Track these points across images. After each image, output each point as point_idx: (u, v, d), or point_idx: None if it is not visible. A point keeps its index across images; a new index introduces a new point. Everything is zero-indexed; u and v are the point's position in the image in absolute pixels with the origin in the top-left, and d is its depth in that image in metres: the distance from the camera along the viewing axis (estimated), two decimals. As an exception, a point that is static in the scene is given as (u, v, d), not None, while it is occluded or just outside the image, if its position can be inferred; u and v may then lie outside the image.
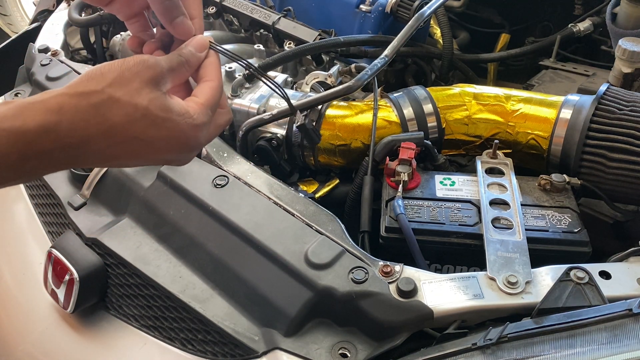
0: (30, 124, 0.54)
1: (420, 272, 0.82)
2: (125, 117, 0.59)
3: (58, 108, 0.56)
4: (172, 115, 0.62)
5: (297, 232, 0.88)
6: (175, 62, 0.66)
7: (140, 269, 0.93)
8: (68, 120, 0.56)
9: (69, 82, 0.60)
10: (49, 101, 0.56)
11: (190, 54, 0.69)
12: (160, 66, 0.64)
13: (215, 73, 0.71)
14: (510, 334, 0.68)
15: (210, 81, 0.70)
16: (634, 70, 1.17)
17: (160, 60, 0.64)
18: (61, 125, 0.56)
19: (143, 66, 0.62)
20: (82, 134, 0.57)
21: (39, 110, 0.55)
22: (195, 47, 0.70)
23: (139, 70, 0.61)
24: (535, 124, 1.04)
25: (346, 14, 1.43)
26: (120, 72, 0.60)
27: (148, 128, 0.61)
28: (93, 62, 1.57)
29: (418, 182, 0.99)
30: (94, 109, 0.58)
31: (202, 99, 0.68)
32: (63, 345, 0.97)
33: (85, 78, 0.59)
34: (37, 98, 0.56)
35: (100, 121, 0.58)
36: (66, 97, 0.57)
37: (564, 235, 0.89)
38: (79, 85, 0.58)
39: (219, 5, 1.46)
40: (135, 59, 0.62)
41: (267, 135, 1.10)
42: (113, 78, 0.59)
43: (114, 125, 0.59)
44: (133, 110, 0.60)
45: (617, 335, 0.66)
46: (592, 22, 1.53)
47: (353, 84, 1.06)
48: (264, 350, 0.80)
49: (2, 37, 3.07)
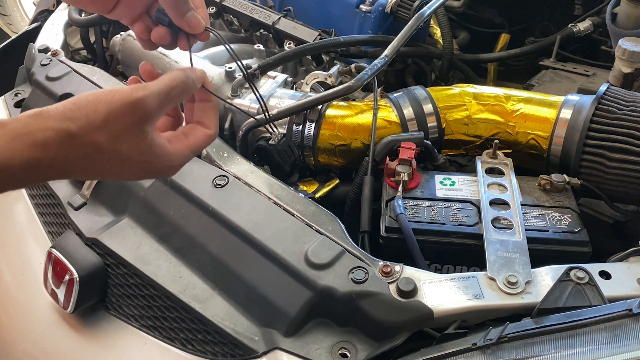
0: (17, 159, 0.56)
1: (420, 272, 0.82)
2: (105, 160, 0.62)
3: (43, 144, 0.58)
4: (150, 158, 0.65)
5: (297, 232, 0.88)
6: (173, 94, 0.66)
7: (140, 269, 0.93)
8: (51, 158, 0.58)
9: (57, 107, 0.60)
10: (36, 135, 0.57)
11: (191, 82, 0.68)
12: (149, 107, 0.63)
13: (214, 121, 0.73)
14: (510, 334, 0.68)
15: (208, 130, 0.72)
16: (634, 70, 1.17)
17: (149, 100, 0.63)
18: (44, 162, 0.58)
19: (130, 109, 0.62)
20: (62, 169, 0.60)
21: (26, 144, 0.57)
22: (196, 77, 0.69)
23: (124, 115, 0.61)
24: (535, 124, 1.04)
25: (346, 14, 1.43)
26: (105, 115, 0.61)
27: (125, 167, 0.64)
28: (93, 62, 1.57)
29: (418, 182, 0.99)
30: (75, 149, 0.60)
31: (191, 144, 0.70)
32: (63, 345, 0.97)
33: (71, 115, 0.60)
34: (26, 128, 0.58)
35: (80, 160, 0.61)
36: (51, 133, 0.58)
37: (564, 235, 0.89)
38: (64, 121, 0.59)
39: (219, 5, 1.46)
40: (123, 101, 0.61)
41: (267, 135, 1.10)
42: (97, 123, 0.60)
43: (93, 164, 0.62)
44: (111, 154, 0.62)
45: (617, 335, 0.66)
46: (592, 22, 1.53)
47: (353, 84, 1.06)
48: (264, 350, 0.80)
49: (2, 37, 3.07)
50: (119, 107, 0.61)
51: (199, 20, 0.73)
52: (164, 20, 0.74)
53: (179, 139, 0.69)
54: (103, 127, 0.60)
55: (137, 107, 0.62)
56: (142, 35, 0.77)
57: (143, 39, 0.77)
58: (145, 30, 0.77)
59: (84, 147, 0.60)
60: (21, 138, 0.57)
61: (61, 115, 0.60)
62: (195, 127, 0.72)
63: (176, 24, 0.73)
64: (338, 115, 1.09)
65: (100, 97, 0.61)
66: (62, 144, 0.59)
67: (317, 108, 1.09)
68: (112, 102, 0.61)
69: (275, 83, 1.18)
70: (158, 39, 0.75)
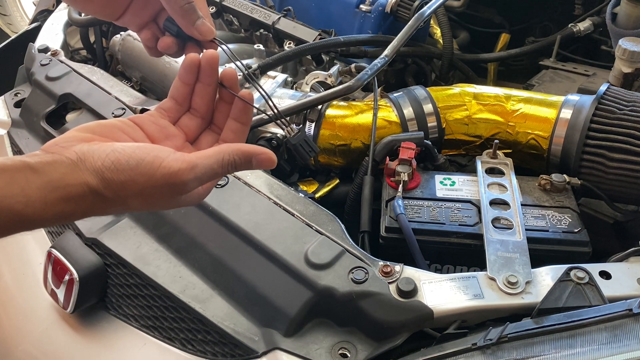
0: (50, 213, 0.55)
1: (420, 272, 0.82)
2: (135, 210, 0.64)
3: (77, 199, 0.57)
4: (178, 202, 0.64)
5: (297, 232, 0.88)
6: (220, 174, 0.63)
7: (140, 269, 0.93)
8: (81, 212, 0.58)
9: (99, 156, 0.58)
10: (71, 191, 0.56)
11: (247, 166, 0.63)
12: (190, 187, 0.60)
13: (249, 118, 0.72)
14: (510, 334, 0.68)
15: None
16: (634, 70, 1.17)
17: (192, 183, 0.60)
18: (76, 214, 0.58)
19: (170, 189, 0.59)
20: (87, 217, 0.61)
21: (61, 198, 0.56)
22: (257, 163, 0.64)
23: (163, 191, 0.59)
24: (535, 124, 1.04)
25: (346, 14, 1.43)
26: (143, 187, 0.58)
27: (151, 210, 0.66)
28: (93, 62, 1.57)
29: (418, 182, 0.99)
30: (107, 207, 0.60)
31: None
32: (63, 345, 0.97)
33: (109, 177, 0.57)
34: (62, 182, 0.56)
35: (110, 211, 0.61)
36: (87, 190, 0.57)
37: (564, 235, 0.89)
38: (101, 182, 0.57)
39: (219, 5, 1.46)
40: (166, 180, 0.58)
41: (267, 135, 1.10)
42: (134, 191, 0.58)
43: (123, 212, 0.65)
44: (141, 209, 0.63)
45: (617, 335, 0.66)
46: (592, 22, 1.53)
47: (353, 84, 1.06)
48: (264, 351, 0.80)
49: (2, 37, 3.07)
50: (160, 184, 0.58)
51: (209, 28, 0.72)
52: (172, 30, 0.74)
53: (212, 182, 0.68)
54: (138, 196, 0.59)
55: (177, 189, 0.60)
56: (149, 43, 0.77)
57: (150, 47, 0.77)
58: (152, 38, 0.77)
59: (116, 206, 0.60)
60: (56, 191, 0.55)
61: (98, 173, 0.57)
62: None
63: (186, 32, 0.73)
64: (338, 115, 1.09)
65: (142, 167, 0.58)
66: (95, 202, 0.58)
67: (317, 108, 1.08)
68: (152, 178, 0.58)
69: (275, 83, 1.18)
70: (165, 48, 0.75)
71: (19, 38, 1.58)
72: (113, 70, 1.53)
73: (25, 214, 0.53)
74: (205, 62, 0.69)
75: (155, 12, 0.77)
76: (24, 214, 0.53)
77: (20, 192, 0.53)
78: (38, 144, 1.19)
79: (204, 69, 0.69)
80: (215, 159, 0.61)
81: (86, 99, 1.18)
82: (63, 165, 0.57)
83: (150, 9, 0.76)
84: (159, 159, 0.58)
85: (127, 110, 1.14)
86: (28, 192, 0.54)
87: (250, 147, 0.64)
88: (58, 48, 1.37)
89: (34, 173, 0.55)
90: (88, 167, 0.57)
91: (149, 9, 0.76)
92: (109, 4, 0.76)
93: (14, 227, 0.54)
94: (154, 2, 0.74)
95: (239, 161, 0.62)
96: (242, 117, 0.70)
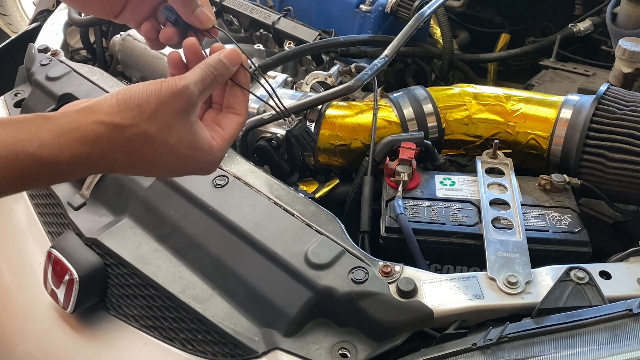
0: (66, 154, 0.56)
1: (420, 272, 0.82)
2: (153, 152, 0.63)
3: (93, 139, 0.58)
4: (195, 153, 0.65)
5: (297, 232, 0.88)
6: (208, 81, 0.66)
7: (140, 269, 0.93)
8: (99, 152, 0.59)
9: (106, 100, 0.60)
10: (86, 130, 0.58)
11: (224, 67, 0.68)
12: (194, 96, 0.64)
13: (245, 106, 0.72)
14: (510, 334, 0.68)
15: (239, 116, 0.71)
16: (634, 70, 1.17)
17: (192, 86, 0.64)
18: (92, 157, 0.58)
19: (178, 99, 0.62)
20: (109, 163, 0.61)
21: (75, 140, 0.57)
22: (229, 61, 0.68)
23: (173, 103, 0.62)
24: (535, 124, 1.04)
25: (346, 14, 1.43)
26: (157, 105, 0.61)
27: (171, 161, 0.65)
28: (93, 62, 1.57)
29: (418, 182, 0.99)
30: (125, 142, 0.60)
31: (227, 134, 0.69)
32: (63, 345, 0.97)
33: (124, 107, 0.60)
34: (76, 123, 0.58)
35: (129, 153, 0.61)
36: (102, 127, 0.58)
37: (564, 235, 0.89)
38: (116, 114, 0.60)
39: (219, 5, 1.46)
40: (171, 89, 0.62)
41: (267, 135, 1.10)
42: (149, 113, 0.61)
43: (141, 158, 0.62)
44: (161, 146, 0.63)
45: (617, 336, 0.66)
46: (592, 22, 1.53)
47: (353, 84, 1.06)
48: (263, 351, 0.80)
49: (2, 37, 3.07)
50: (168, 96, 0.62)
51: (209, 16, 0.73)
52: (171, 17, 0.74)
53: (217, 133, 0.69)
54: (154, 117, 0.61)
55: (182, 95, 0.63)
56: (150, 35, 0.77)
57: (150, 39, 0.78)
58: (152, 29, 0.77)
59: (135, 138, 0.61)
60: (70, 133, 0.57)
61: (113, 107, 0.60)
62: (226, 115, 0.71)
63: (186, 20, 0.73)
64: (338, 115, 1.09)
65: (149, 88, 0.62)
66: (113, 137, 0.59)
67: (317, 108, 1.09)
68: (160, 93, 0.62)
69: (275, 83, 1.18)
70: (166, 39, 0.76)
71: (19, 38, 1.58)
72: (113, 70, 1.53)
73: (40, 155, 0.55)
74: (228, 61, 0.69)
75: (154, 6, 0.77)
76: (39, 156, 0.54)
77: (33, 135, 0.55)
78: (38, 144, 1.19)
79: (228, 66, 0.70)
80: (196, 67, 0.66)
81: (86, 99, 1.18)
82: (75, 111, 0.59)
83: (149, 4, 0.76)
84: (159, 80, 0.63)
85: (127, 110, 1.14)
86: (40, 135, 0.55)
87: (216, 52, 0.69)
88: (58, 48, 1.37)
89: (46, 120, 0.57)
90: (102, 107, 0.59)
91: (147, 4, 0.76)
92: (107, 2, 0.76)
93: (32, 171, 0.55)
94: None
95: (211, 62, 0.67)
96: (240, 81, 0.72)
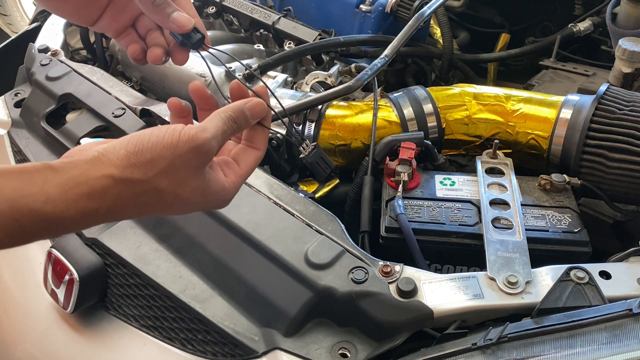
0: (72, 210, 0.53)
1: (420, 272, 0.82)
2: (162, 205, 0.60)
3: (102, 194, 0.55)
4: (207, 197, 0.62)
5: (297, 232, 0.88)
6: (228, 134, 0.63)
7: (140, 269, 0.93)
8: (107, 207, 0.56)
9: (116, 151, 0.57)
10: (94, 184, 0.54)
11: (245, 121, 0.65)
12: (214, 150, 0.61)
13: (264, 142, 0.69)
14: (510, 334, 0.68)
15: (257, 150, 0.69)
16: (634, 70, 1.17)
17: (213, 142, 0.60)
18: (99, 212, 0.55)
19: (196, 154, 0.59)
20: (115, 217, 0.58)
21: (83, 195, 0.54)
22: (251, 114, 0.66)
23: (190, 159, 0.59)
24: (535, 124, 1.04)
25: (346, 14, 1.43)
26: (171, 161, 0.58)
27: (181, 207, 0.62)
28: (93, 62, 1.57)
29: (418, 182, 0.99)
30: (135, 197, 0.57)
31: (243, 170, 0.67)
32: (63, 345, 0.97)
33: (135, 160, 0.57)
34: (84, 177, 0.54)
35: (137, 207, 0.58)
36: (111, 182, 0.55)
37: (564, 235, 0.89)
38: (127, 168, 0.56)
39: (219, 5, 1.46)
40: (190, 145, 0.58)
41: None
42: (162, 168, 0.58)
43: (149, 210, 0.60)
44: (172, 199, 0.60)
45: (617, 335, 0.66)
46: (592, 22, 1.54)
47: (353, 84, 1.06)
48: (264, 350, 0.80)
49: (2, 37, 3.07)
50: (186, 152, 0.58)
51: (186, 18, 0.69)
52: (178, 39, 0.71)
53: (231, 169, 0.66)
54: (167, 172, 0.58)
55: (201, 150, 0.59)
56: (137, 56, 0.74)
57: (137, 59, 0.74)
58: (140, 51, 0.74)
59: (146, 193, 0.57)
60: (78, 187, 0.54)
61: (123, 160, 0.56)
62: (245, 149, 0.69)
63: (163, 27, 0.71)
64: (338, 115, 1.09)
65: (164, 140, 0.58)
66: (122, 192, 0.56)
67: (317, 108, 1.09)
68: (177, 147, 0.58)
69: (275, 83, 1.18)
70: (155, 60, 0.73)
71: (19, 38, 1.58)
72: (113, 70, 1.53)
73: (45, 211, 0.52)
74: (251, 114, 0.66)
75: (134, 16, 0.74)
76: (44, 212, 0.52)
77: (39, 190, 0.52)
78: (38, 144, 1.19)
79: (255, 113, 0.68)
80: (217, 117, 0.63)
81: (86, 99, 1.18)
82: (84, 161, 0.56)
83: (129, 13, 0.74)
84: (176, 130, 0.59)
85: (127, 110, 1.14)
86: (47, 189, 0.52)
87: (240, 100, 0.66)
88: (58, 48, 1.37)
89: (53, 172, 0.53)
90: (111, 159, 0.56)
91: (127, 13, 0.73)
92: (84, 7, 0.72)
93: (36, 227, 0.52)
94: (132, 6, 0.71)
95: (234, 115, 0.64)
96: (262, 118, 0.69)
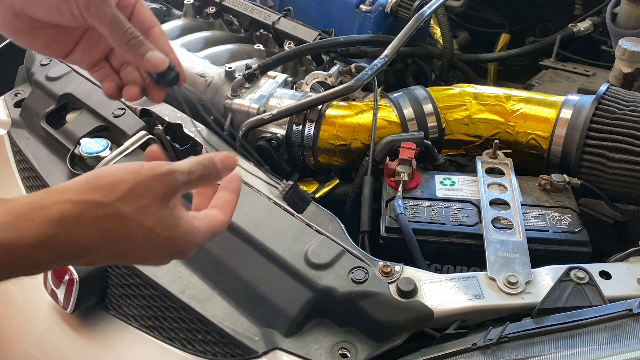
0: (27, 237, 0.50)
1: (420, 272, 0.82)
2: (126, 234, 0.56)
3: (59, 219, 0.52)
4: (175, 234, 0.60)
5: (297, 232, 0.88)
6: (194, 176, 0.62)
7: (140, 269, 0.93)
8: (66, 233, 0.52)
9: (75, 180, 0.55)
10: (51, 209, 0.51)
11: (215, 170, 0.64)
12: (177, 183, 0.59)
13: (232, 210, 0.68)
14: (510, 334, 0.68)
15: (224, 216, 0.66)
16: (634, 70, 1.17)
17: (177, 174, 0.59)
18: (58, 239, 0.52)
19: (158, 182, 0.58)
20: (78, 246, 0.54)
21: (39, 221, 0.51)
22: (222, 165, 0.64)
23: (153, 185, 0.57)
24: (535, 124, 1.04)
25: (346, 14, 1.43)
26: (134, 185, 0.56)
27: (148, 243, 0.59)
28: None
29: (418, 182, 0.99)
30: (95, 222, 0.54)
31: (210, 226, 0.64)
32: (63, 345, 0.97)
33: (95, 184, 0.55)
34: (39, 202, 0.52)
35: (100, 235, 0.55)
36: (70, 205, 0.52)
37: (564, 235, 0.89)
38: (87, 192, 0.54)
39: (219, 5, 1.46)
40: (153, 171, 0.58)
41: (267, 135, 1.10)
42: (125, 191, 0.56)
43: (113, 240, 0.56)
44: (136, 228, 0.57)
45: (617, 335, 0.66)
46: (592, 22, 1.53)
47: (353, 84, 1.06)
48: (264, 351, 0.80)
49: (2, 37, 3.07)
50: (149, 178, 0.57)
51: (160, 58, 0.68)
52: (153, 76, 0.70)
53: (199, 218, 0.64)
54: (129, 196, 0.56)
55: (164, 179, 0.58)
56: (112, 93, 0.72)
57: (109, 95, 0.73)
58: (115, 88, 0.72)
59: (108, 218, 0.54)
60: (32, 213, 0.51)
61: (83, 186, 0.54)
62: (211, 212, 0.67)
63: (137, 65, 0.70)
64: (338, 115, 1.09)
65: (128, 166, 0.57)
66: (82, 216, 0.53)
67: (317, 108, 1.08)
68: (140, 172, 0.57)
69: (275, 83, 1.18)
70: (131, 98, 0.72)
71: (19, 38, 1.58)
72: (113, 70, 1.53)
73: None
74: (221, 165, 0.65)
75: (107, 50, 0.73)
76: None
77: None
78: (38, 144, 1.19)
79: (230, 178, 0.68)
80: (187, 160, 0.62)
81: (86, 99, 1.18)
82: (40, 192, 0.53)
83: (102, 47, 0.72)
84: (139, 163, 0.59)
85: (127, 110, 1.14)
86: None
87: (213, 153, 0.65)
88: (58, 48, 1.37)
89: (4, 202, 0.51)
90: (69, 186, 0.54)
91: (99, 47, 0.72)
92: (55, 41, 0.71)
93: None
94: (105, 41, 0.70)
95: (203, 160, 0.63)
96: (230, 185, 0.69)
